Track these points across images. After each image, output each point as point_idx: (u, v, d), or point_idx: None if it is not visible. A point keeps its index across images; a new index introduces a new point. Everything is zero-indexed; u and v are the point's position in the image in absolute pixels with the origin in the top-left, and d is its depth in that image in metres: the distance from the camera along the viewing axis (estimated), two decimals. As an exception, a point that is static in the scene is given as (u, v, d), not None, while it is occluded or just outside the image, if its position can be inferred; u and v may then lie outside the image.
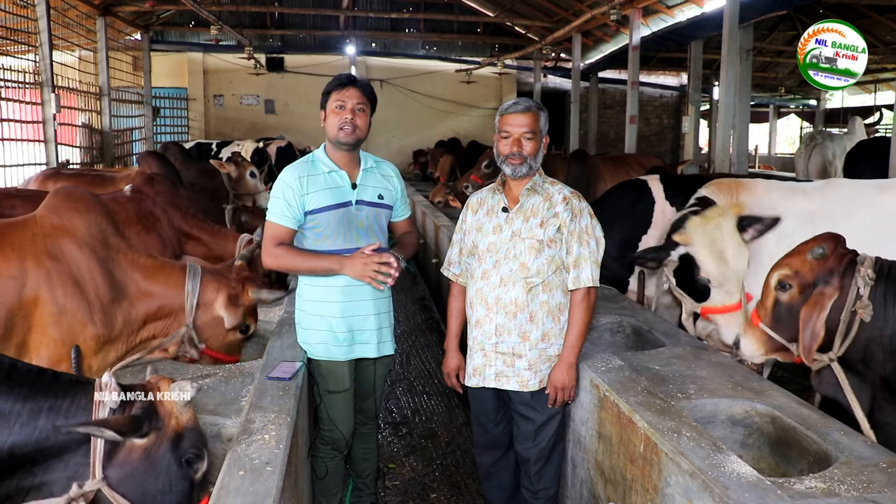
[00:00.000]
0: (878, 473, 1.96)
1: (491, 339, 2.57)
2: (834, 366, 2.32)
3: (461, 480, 3.51)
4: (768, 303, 2.47)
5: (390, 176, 2.74)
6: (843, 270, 2.29)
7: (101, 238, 2.60)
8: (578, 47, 13.78)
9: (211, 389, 2.54)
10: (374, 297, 2.66)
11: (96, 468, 1.61)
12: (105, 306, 2.53)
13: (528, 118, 2.52)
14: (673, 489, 2.00)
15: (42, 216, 2.57)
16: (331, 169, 2.61)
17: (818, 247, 2.33)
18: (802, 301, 2.35)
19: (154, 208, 4.07)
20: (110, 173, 6.08)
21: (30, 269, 2.44)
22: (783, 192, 3.43)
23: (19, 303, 2.41)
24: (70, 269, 2.49)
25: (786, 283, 2.40)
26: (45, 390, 1.63)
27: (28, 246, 2.47)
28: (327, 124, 2.62)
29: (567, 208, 2.53)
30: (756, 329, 2.52)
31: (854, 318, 2.25)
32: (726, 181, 3.59)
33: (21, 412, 1.58)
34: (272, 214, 2.58)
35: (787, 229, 3.20)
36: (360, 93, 2.59)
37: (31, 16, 8.09)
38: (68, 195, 2.66)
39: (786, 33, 14.84)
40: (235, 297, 2.82)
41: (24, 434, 1.58)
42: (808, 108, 21.08)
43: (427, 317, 6.36)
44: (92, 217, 2.60)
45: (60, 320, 2.44)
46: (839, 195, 3.37)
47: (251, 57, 14.64)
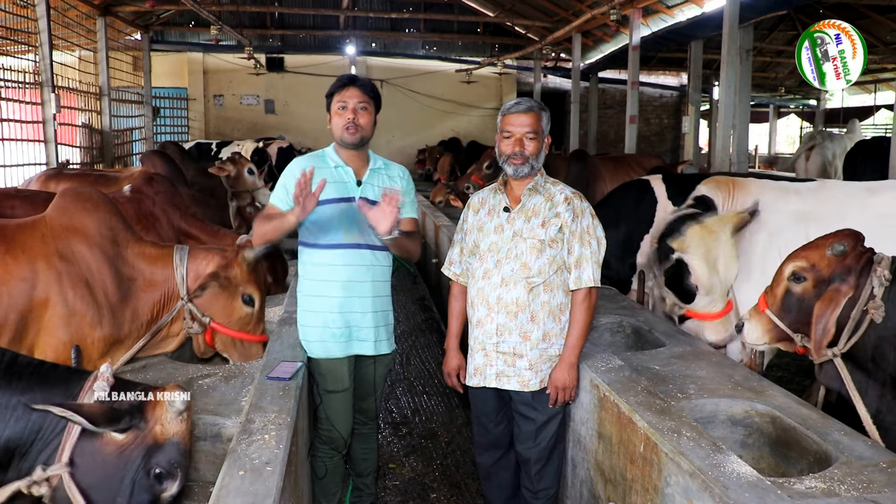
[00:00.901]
0: (878, 473, 1.96)
1: (492, 339, 2.57)
2: (837, 361, 2.32)
3: (461, 480, 3.51)
4: (778, 291, 2.47)
5: (399, 177, 2.73)
6: (860, 269, 2.28)
7: (111, 237, 2.59)
8: (578, 47, 13.78)
9: (211, 389, 2.54)
10: (373, 294, 2.66)
11: (64, 453, 1.56)
12: (114, 306, 2.53)
13: (530, 118, 2.52)
14: (673, 489, 2.00)
15: (52, 217, 2.57)
16: (337, 164, 2.64)
17: (839, 243, 2.32)
18: (815, 295, 2.35)
19: (154, 208, 4.07)
20: (113, 173, 6.08)
21: (41, 271, 2.43)
22: (777, 192, 3.46)
23: (30, 305, 2.41)
24: (80, 270, 2.49)
25: (800, 275, 2.39)
26: (41, 382, 1.61)
27: (38, 247, 2.47)
28: (333, 125, 2.63)
29: (569, 208, 2.53)
30: (762, 315, 2.52)
31: (864, 316, 2.24)
32: (723, 178, 3.61)
33: (17, 405, 1.57)
34: (272, 198, 2.63)
35: (780, 228, 3.26)
36: (361, 92, 2.60)
37: (31, 16, 8.09)
38: (77, 195, 2.66)
39: (786, 33, 14.84)
40: (226, 264, 2.79)
41: (20, 426, 1.56)
42: (808, 108, 21.08)
43: (427, 317, 6.36)
44: (102, 216, 2.60)
45: (70, 322, 2.44)
46: (832, 196, 3.41)
47: (251, 57, 14.64)
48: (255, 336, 2.90)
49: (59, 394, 1.60)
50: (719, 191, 3.44)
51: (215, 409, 2.38)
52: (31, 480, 1.54)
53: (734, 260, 3.15)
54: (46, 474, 1.54)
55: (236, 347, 2.84)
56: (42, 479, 1.54)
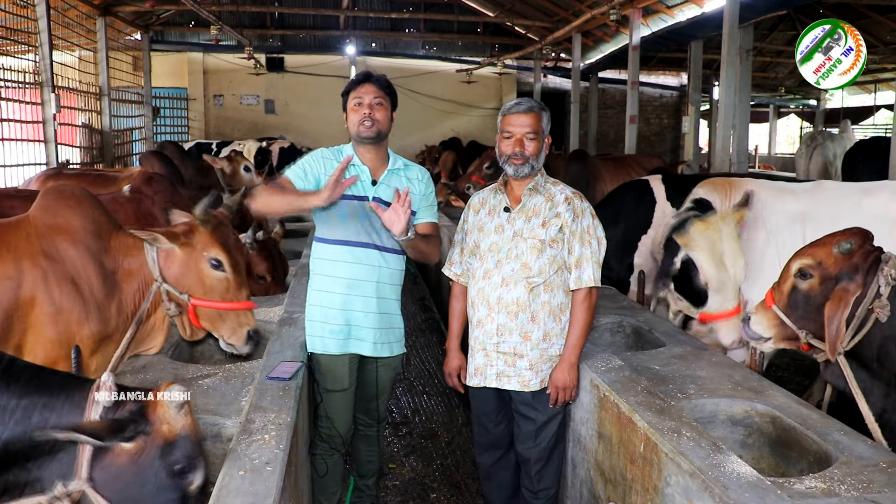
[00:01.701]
0: (878, 473, 1.96)
1: (492, 339, 2.57)
2: (840, 359, 2.31)
3: (461, 480, 3.51)
4: (785, 288, 2.47)
5: (417, 180, 2.71)
6: (867, 267, 2.28)
7: (95, 231, 2.57)
8: (578, 47, 13.78)
9: (211, 389, 2.53)
10: (377, 295, 2.65)
11: (82, 469, 1.58)
12: (100, 302, 2.51)
13: (530, 118, 2.52)
14: (673, 489, 2.00)
15: (36, 216, 2.55)
16: (354, 162, 2.62)
17: (846, 241, 2.32)
18: (821, 292, 2.35)
19: (153, 208, 4.07)
20: (112, 173, 6.08)
21: (26, 270, 2.42)
22: (773, 192, 3.49)
23: (16, 304, 2.40)
24: (66, 268, 2.47)
25: (807, 272, 2.40)
26: (40, 388, 1.61)
27: (23, 246, 2.46)
28: (349, 122, 2.63)
29: (569, 208, 2.53)
30: (769, 311, 2.52)
31: (869, 315, 2.24)
32: (720, 180, 3.63)
33: (16, 409, 1.57)
34: (288, 173, 2.58)
35: (777, 228, 3.31)
36: (377, 87, 2.60)
37: (31, 16, 8.09)
38: (60, 193, 2.64)
39: (786, 33, 14.84)
40: (187, 231, 2.65)
41: (19, 431, 1.56)
42: (808, 108, 21.08)
43: (427, 317, 6.37)
44: (86, 213, 2.58)
45: (57, 320, 2.43)
46: (826, 197, 3.44)
47: (251, 57, 14.64)
48: (239, 304, 2.71)
49: (60, 402, 1.60)
50: (716, 192, 3.45)
51: (215, 409, 2.38)
52: (53, 496, 1.55)
53: (740, 254, 3.16)
54: (68, 490, 1.56)
55: (223, 320, 2.69)
56: (63, 495, 1.56)
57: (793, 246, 2.55)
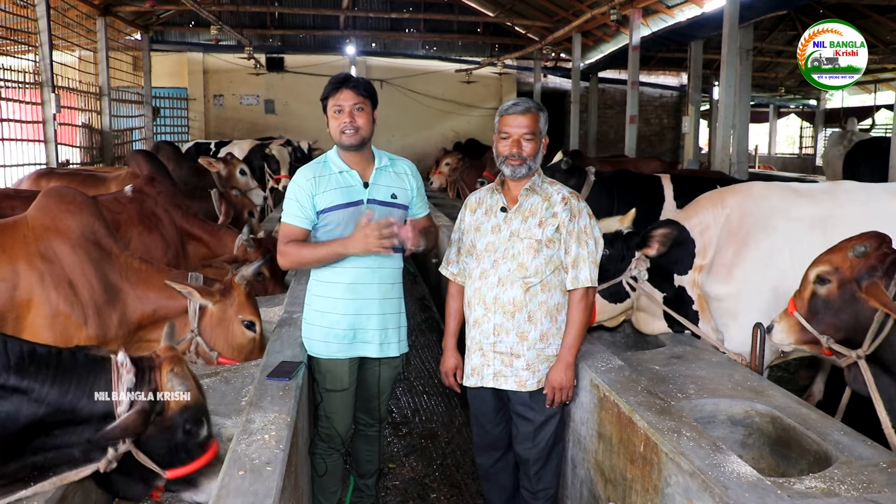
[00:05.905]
0: (878, 473, 1.96)
1: (489, 339, 2.56)
2: (861, 363, 2.30)
3: (461, 480, 3.51)
4: (805, 294, 2.47)
5: (405, 174, 2.70)
6: (885, 270, 2.27)
7: (94, 238, 2.57)
8: (578, 47, 13.78)
9: (211, 389, 2.54)
10: (379, 296, 2.64)
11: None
12: (99, 307, 2.51)
13: (527, 119, 2.52)
14: (673, 489, 2.00)
15: (33, 217, 2.55)
16: (342, 169, 2.61)
17: (860, 244, 2.32)
18: (840, 297, 2.35)
19: (156, 208, 4.07)
20: (102, 173, 6.07)
21: (22, 272, 2.42)
22: (785, 196, 3.22)
23: (12, 305, 2.39)
24: (63, 270, 2.46)
25: (825, 278, 2.40)
26: (68, 369, 1.78)
27: (20, 248, 2.45)
28: (331, 128, 2.61)
29: (566, 208, 2.53)
30: (791, 317, 2.51)
31: (888, 318, 2.23)
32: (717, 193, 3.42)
33: (50, 391, 1.73)
34: (286, 216, 2.60)
35: (792, 235, 3.06)
36: (355, 93, 2.57)
37: (31, 16, 8.09)
38: (60, 195, 2.64)
39: (786, 33, 14.84)
40: (227, 289, 2.80)
41: (53, 407, 1.74)
42: (808, 107, 21.07)
43: (427, 317, 6.36)
44: (84, 217, 2.58)
45: (54, 322, 2.43)
46: (851, 200, 3.16)
47: (251, 57, 14.63)
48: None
49: (83, 387, 1.79)
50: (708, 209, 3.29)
51: (215, 409, 2.38)
52: (108, 460, 1.79)
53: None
54: (119, 452, 1.80)
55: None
56: (115, 458, 1.80)
57: (812, 254, 2.52)
